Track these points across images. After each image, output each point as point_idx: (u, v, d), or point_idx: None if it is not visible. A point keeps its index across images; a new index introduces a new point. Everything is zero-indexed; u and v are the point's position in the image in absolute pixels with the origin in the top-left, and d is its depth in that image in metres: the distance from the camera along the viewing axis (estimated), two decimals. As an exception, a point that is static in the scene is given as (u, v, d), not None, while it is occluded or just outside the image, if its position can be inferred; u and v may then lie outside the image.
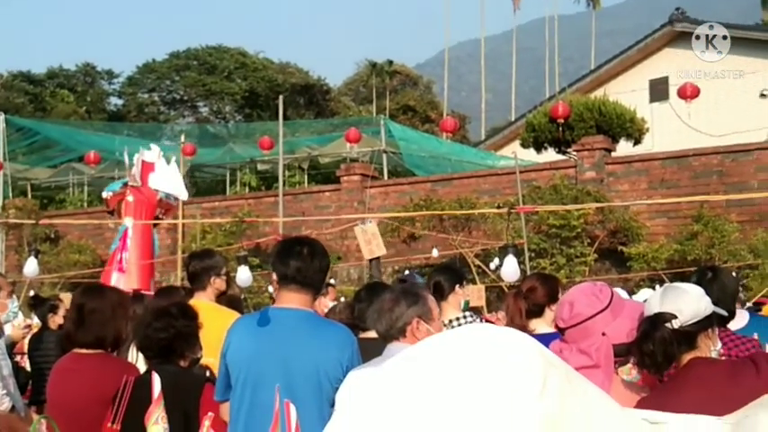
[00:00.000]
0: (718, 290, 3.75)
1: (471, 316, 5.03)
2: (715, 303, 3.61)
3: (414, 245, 14.58)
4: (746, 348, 3.52)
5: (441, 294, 5.00)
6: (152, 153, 10.33)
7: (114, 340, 3.90)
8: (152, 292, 7.43)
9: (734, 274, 8.06)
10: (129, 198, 9.65)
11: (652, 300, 2.77)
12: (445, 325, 4.87)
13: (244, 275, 9.42)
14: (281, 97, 9.69)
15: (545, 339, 2.64)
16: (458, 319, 4.90)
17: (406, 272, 10.20)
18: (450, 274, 5.15)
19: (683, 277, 5.76)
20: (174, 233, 17.38)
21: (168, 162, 10.34)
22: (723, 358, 3.32)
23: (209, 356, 3.95)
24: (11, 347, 7.81)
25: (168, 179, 10.18)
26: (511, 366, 0.71)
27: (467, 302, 5.75)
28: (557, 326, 2.62)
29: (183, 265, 14.81)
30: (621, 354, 2.61)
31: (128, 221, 9.50)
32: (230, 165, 22.25)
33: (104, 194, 10.28)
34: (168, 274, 16.01)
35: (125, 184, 9.97)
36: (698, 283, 3.76)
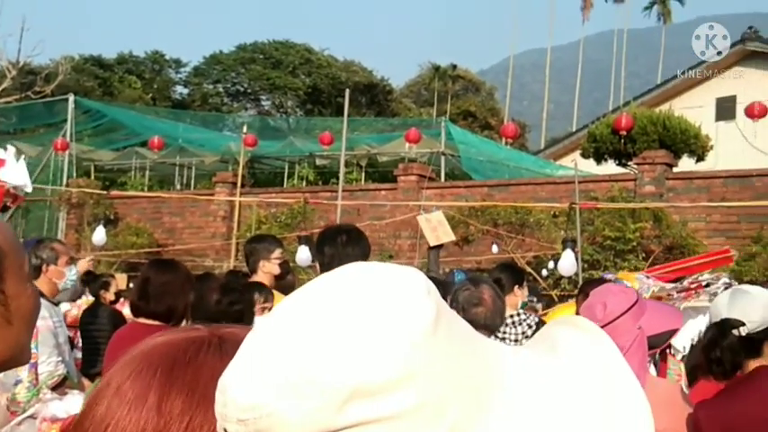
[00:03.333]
0: None
1: (525, 314, 5.03)
2: None
3: (466, 248, 14.57)
4: None
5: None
6: (4, 152, 11.29)
7: (181, 313, 4.01)
8: None
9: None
10: (-22, 186, 10.49)
11: (719, 303, 2.77)
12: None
13: (303, 255, 9.54)
14: (347, 92, 9.78)
15: None
16: (511, 316, 4.91)
17: (455, 272, 10.22)
18: (512, 274, 5.16)
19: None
20: (230, 222, 17.64)
21: (17, 160, 11.28)
22: None
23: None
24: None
25: (17, 173, 11.10)
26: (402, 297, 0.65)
27: (524, 303, 5.75)
28: None
29: (235, 252, 15.06)
30: (655, 345, 2.64)
31: (-25, 205, 10.31)
32: (289, 158, 22.45)
33: None
34: (222, 261, 16.24)
35: None
36: None
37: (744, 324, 2.64)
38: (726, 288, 6.58)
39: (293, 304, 0.68)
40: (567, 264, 7.66)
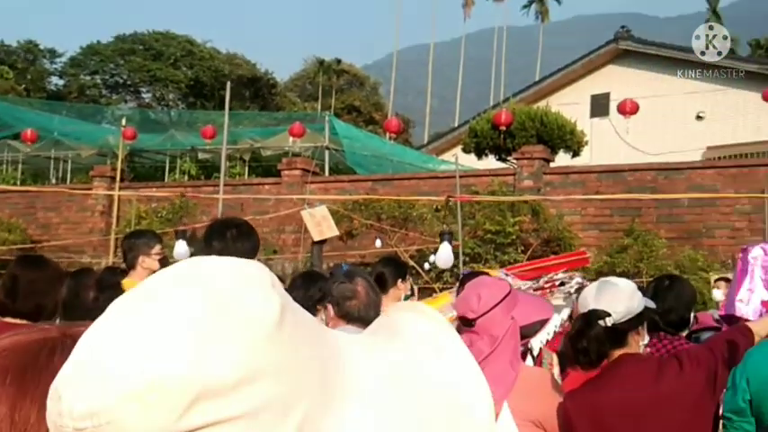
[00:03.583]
0: (673, 298, 3.87)
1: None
2: (668, 310, 3.78)
3: (350, 242, 14.63)
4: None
5: (382, 287, 5.02)
6: None
7: (51, 312, 3.87)
8: None
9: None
10: None
11: (587, 295, 2.87)
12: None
13: (181, 250, 9.37)
14: (228, 84, 9.62)
15: None
16: None
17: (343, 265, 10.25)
18: (394, 268, 5.18)
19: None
20: (109, 217, 17.17)
21: None
22: (651, 355, 3.48)
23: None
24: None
25: None
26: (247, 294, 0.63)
27: (407, 297, 5.79)
28: (464, 318, 2.71)
29: (114, 248, 14.68)
30: (528, 335, 2.73)
31: None
32: (170, 151, 22.00)
33: None
34: (100, 257, 15.79)
35: None
36: (655, 289, 3.91)
37: (609, 315, 2.75)
38: (579, 288, 6.92)
39: (132, 301, 0.64)
40: (444, 256, 7.77)
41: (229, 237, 3.50)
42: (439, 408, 0.70)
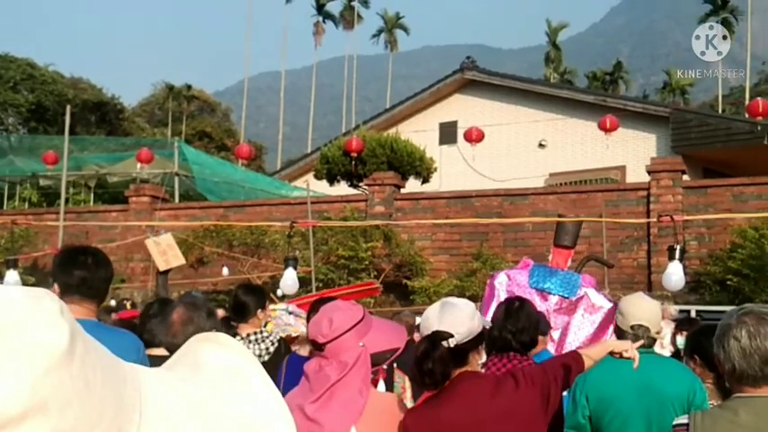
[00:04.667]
0: (524, 318, 4.02)
1: (265, 332, 5.06)
2: (521, 330, 3.95)
3: (202, 270, 14.39)
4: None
5: (243, 315, 4.99)
6: None
7: None
8: None
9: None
10: None
11: (430, 316, 2.93)
12: (242, 338, 4.87)
13: (11, 279, 8.88)
14: (68, 108, 9.25)
15: None
16: (255, 333, 4.92)
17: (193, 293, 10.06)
18: (257, 297, 5.13)
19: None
20: (-59, 248, 16.22)
21: None
22: (488, 373, 3.60)
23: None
24: None
25: None
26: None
27: (266, 324, 5.78)
28: (314, 342, 2.72)
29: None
30: (378, 362, 2.76)
31: None
32: (9, 178, 21.05)
33: None
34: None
35: None
36: (506, 311, 4.05)
37: (453, 336, 2.83)
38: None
39: None
40: (289, 282, 7.72)
41: (91, 263, 3.40)
42: None
